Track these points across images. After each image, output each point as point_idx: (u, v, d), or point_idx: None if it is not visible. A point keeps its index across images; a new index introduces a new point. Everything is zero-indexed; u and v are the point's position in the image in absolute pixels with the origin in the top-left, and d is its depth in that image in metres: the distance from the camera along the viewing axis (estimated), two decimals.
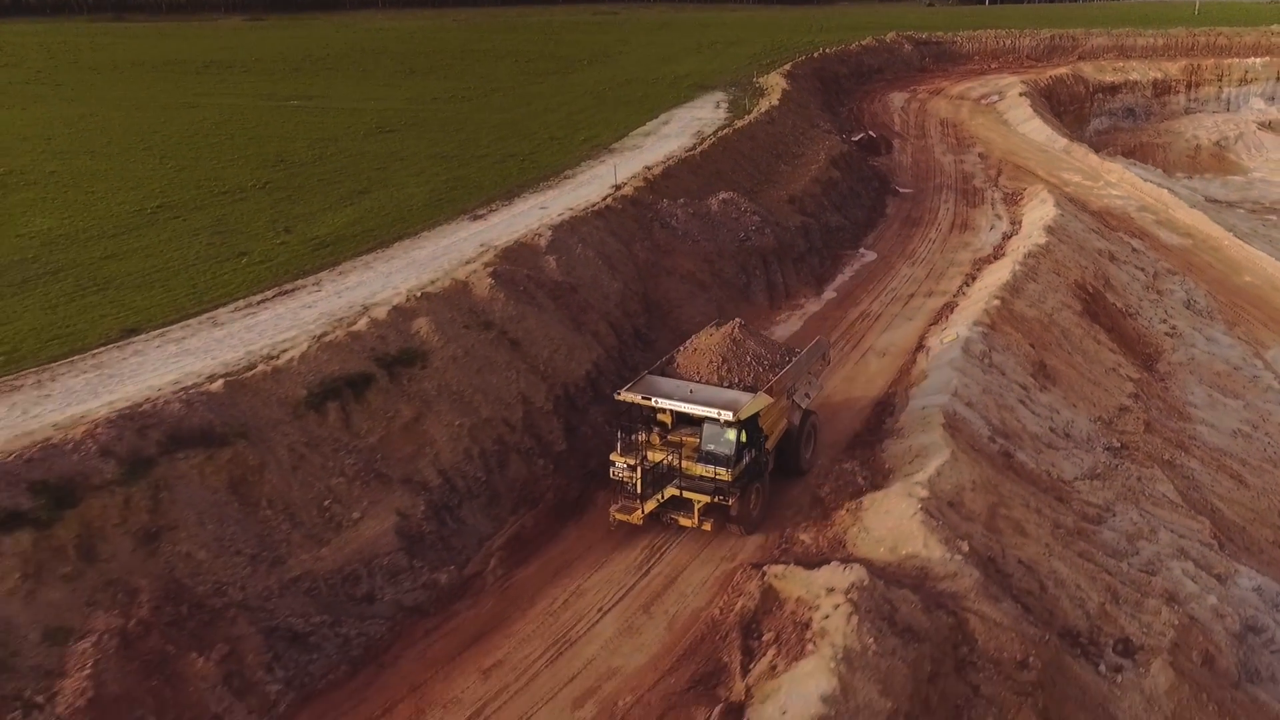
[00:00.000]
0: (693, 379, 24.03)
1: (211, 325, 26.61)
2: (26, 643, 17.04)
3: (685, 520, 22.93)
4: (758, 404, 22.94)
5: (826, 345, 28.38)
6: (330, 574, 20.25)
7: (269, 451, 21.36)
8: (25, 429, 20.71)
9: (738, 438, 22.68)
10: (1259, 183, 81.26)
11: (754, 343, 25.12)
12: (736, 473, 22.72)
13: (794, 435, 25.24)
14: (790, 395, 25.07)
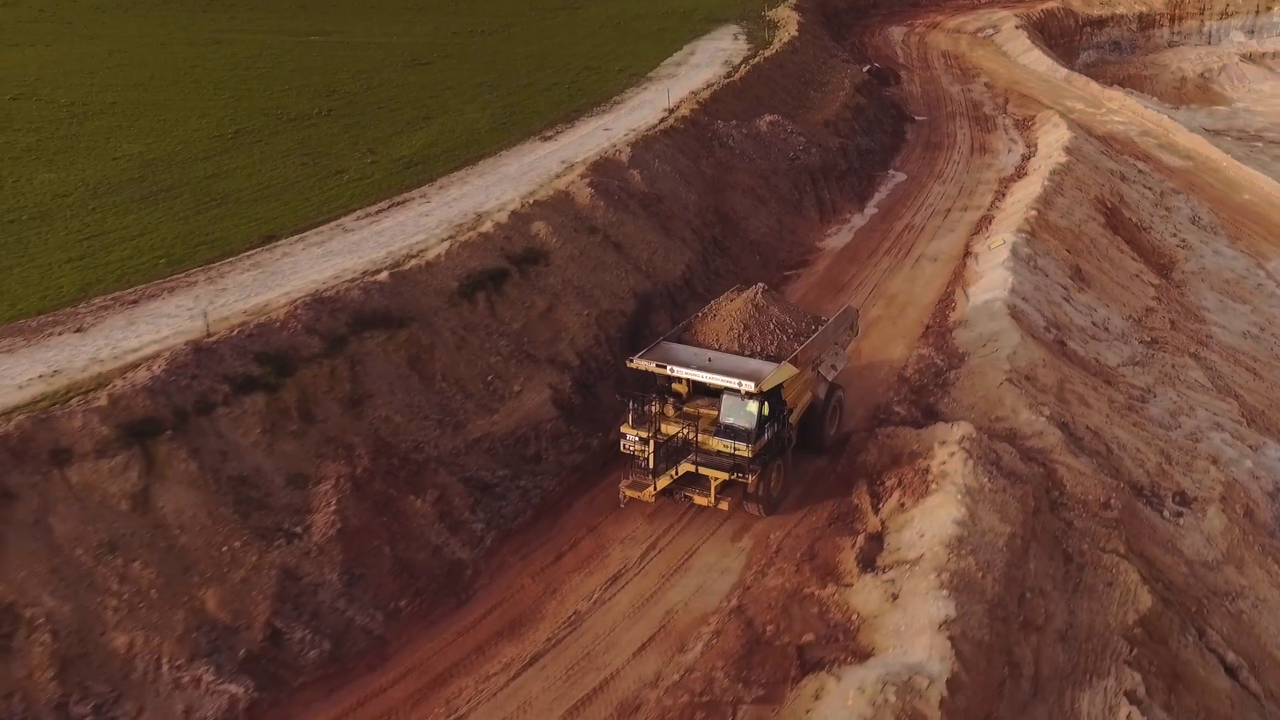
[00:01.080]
0: (711, 347, 22.71)
1: (342, 231, 29.20)
2: (275, 486, 19.94)
3: (701, 499, 21.79)
4: (781, 374, 21.65)
5: (855, 315, 26.57)
6: (504, 436, 23.25)
7: (435, 334, 24.22)
8: (219, 315, 23.38)
9: (759, 410, 21.28)
10: (1243, 112, 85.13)
11: (778, 309, 23.85)
12: (757, 448, 21.30)
13: (818, 410, 23.96)
14: (815, 367, 23.70)
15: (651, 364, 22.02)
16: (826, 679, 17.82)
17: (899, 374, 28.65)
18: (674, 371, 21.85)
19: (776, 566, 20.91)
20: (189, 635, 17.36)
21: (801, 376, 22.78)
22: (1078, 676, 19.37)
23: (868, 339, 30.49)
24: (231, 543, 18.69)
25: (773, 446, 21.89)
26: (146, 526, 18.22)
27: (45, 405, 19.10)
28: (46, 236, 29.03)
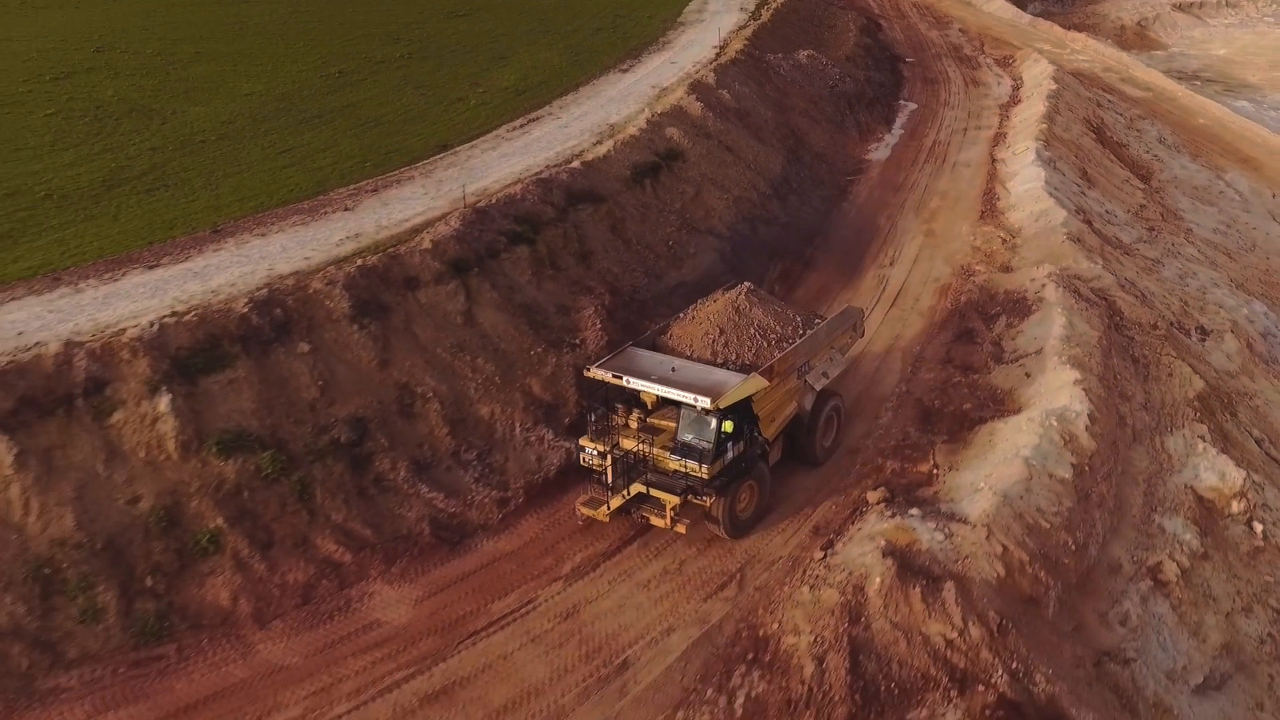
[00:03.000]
0: (683, 353, 21.55)
1: (502, 140, 35.30)
2: (550, 313, 26.36)
3: (657, 520, 20.58)
4: (746, 389, 20.36)
5: (858, 315, 25.49)
6: (690, 284, 29.81)
7: (624, 209, 30.73)
8: (453, 196, 29.53)
9: (718, 428, 20.01)
10: (1178, 55, 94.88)
11: (762, 312, 22.46)
12: (715, 469, 20.11)
13: (804, 422, 22.71)
14: (803, 375, 22.39)
15: (608, 374, 20.73)
16: (994, 425, 24.98)
17: (970, 246, 35.91)
18: (629, 383, 20.49)
19: (926, 366, 28.01)
20: (529, 409, 23.75)
21: (781, 387, 21.52)
22: (1161, 429, 26.88)
23: (937, 221, 37.72)
24: (536, 349, 25.08)
25: (738, 466, 20.61)
26: (477, 335, 24.52)
27: (360, 257, 25.10)
28: (247, 151, 34.52)
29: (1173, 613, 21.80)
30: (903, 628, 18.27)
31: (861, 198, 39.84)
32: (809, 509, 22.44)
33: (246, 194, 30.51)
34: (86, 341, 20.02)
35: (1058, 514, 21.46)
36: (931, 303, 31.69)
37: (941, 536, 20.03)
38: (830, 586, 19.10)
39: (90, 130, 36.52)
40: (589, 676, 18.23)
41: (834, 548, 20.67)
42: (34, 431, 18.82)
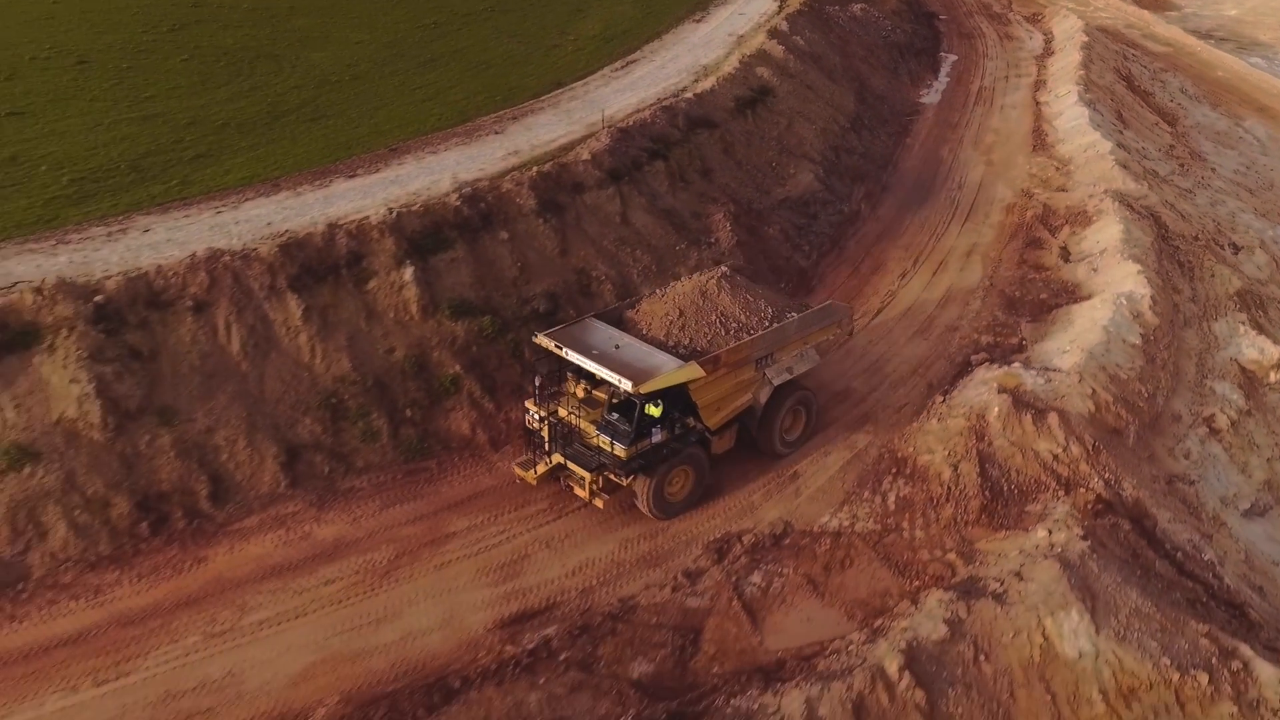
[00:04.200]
0: (641, 331, 21.88)
1: (610, 79, 39.94)
2: (686, 218, 31.17)
3: (580, 490, 21.19)
4: (676, 377, 20.45)
5: (844, 313, 25.32)
6: (793, 200, 34.73)
7: (732, 134, 35.48)
8: (587, 121, 34.23)
9: (639, 411, 20.49)
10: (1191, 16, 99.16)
11: (729, 300, 22.55)
12: (633, 451, 20.47)
13: (757, 414, 22.74)
14: (762, 368, 22.51)
15: (551, 343, 21.22)
16: (1069, 308, 29.93)
17: (1027, 173, 40.81)
18: (567, 355, 20.94)
19: (1004, 266, 32.96)
20: None
21: (731, 378, 21.74)
22: (1207, 316, 31.87)
23: (994, 153, 42.55)
24: (679, 245, 29.94)
25: (661, 451, 21.00)
26: (632, 232, 29.36)
27: (535, 165, 29.83)
28: (382, 88, 39.09)
29: (1225, 453, 26.83)
30: (1018, 445, 23.23)
31: (922, 135, 44.65)
32: (921, 370, 27.39)
33: (400, 122, 35.15)
34: (344, 223, 24.72)
35: (1132, 369, 26.45)
36: (1000, 219, 36.56)
37: (1042, 381, 25.01)
38: (956, 417, 24.08)
39: (231, 72, 41.01)
40: (769, 484, 23.22)
41: (950, 395, 25.64)
42: (314, 293, 23.61)
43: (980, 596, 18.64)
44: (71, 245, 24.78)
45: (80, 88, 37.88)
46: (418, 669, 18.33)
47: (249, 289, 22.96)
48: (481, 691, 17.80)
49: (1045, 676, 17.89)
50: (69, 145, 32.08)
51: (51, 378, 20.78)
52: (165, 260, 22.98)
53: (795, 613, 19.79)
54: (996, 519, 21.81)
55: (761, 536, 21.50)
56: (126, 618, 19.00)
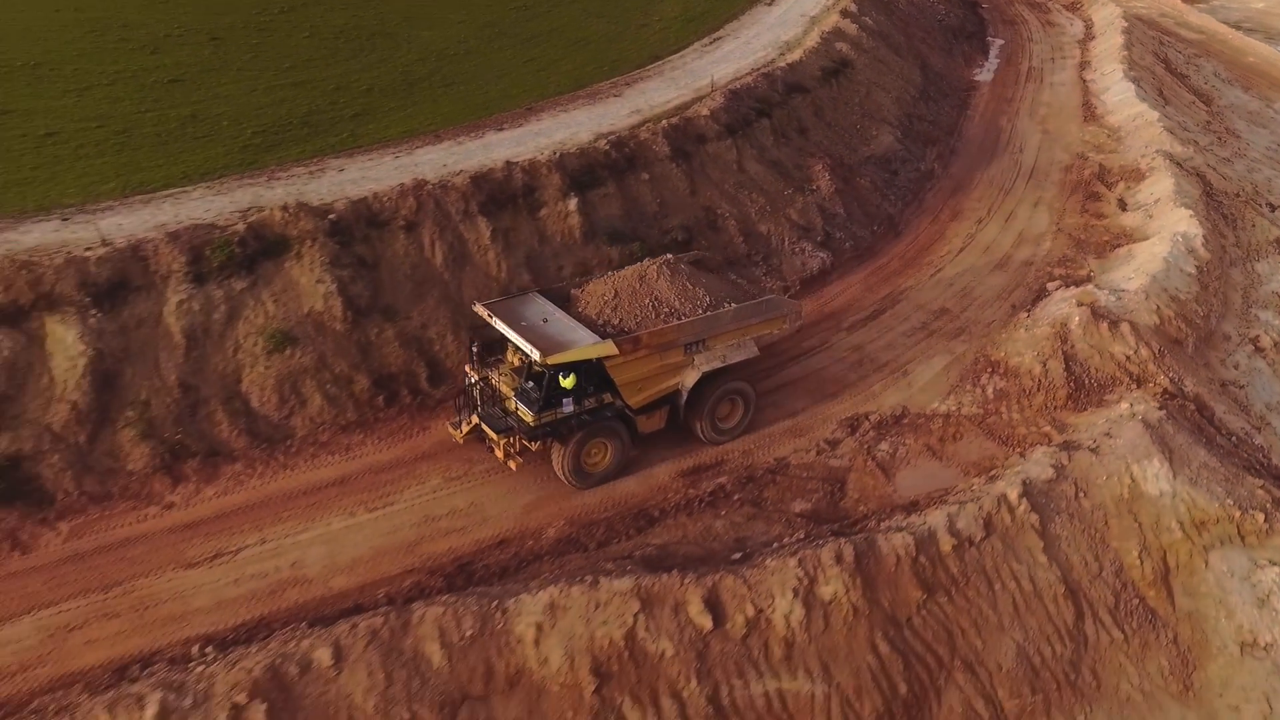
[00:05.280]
0: (577, 309, 23.41)
1: (702, 53, 44.59)
2: (790, 168, 35.85)
3: (498, 451, 22.52)
4: (586, 352, 21.81)
5: (788, 308, 25.91)
6: (876, 158, 39.39)
7: (820, 100, 40.18)
8: (695, 86, 38.92)
9: (548, 382, 21.74)
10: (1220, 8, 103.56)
11: (667, 286, 23.70)
12: (541, 419, 21.85)
13: (683, 397, 23.79)
14: (691, 353, 23.59)
15: (485, 312, 22.98)
16: (1129, 247, 34.53)
17: (1080, 140, 45.45)
18: (493, 323, 22.61)
19: (1067, 215, 37.60)
20: (791, 229, 33.33)
21: (653, 360, 22.87)
22: (1250, 258, 36.41)
23: (1049, 123, 47.17)
24: (786, 191, 34.64)
25: (570, 422, 22.24)
26: (748, 178, 34.05)
27: (663, 119, 34.53)
28: (497, 61, 43.82)
29: (1268, 368, 31.39)
30: (1096, 348, 27.84)
31: (981, 107, 49.31)
32: (1004, 295, 32.05)
33: (524, 88, 39.88)
34: (518, 161, 29.48)
35: (1189, 293, 31.06)
36: (1060, 177, 41.18)
37: (1114, 299, 29.63)
38: (1042, 326, 28.72)
39: (354, 47, 45.81)
40: (885, 378, 27.90)
41: (1033, 312, 30.29)
42: (498, 218, 28.33)
43: (1078, 450, 23.27)
44: (282, 181, 29.54)
45: (223, 60, 42.64)
46: (622, 504, 23.03)
47: (448, 213, 27.68)
48: (676, 519, 22.50)
49: (1133, 510, 22.49)
50: (237, 106, 36.81)
51: (301, 279, 25.54)
52: (375, 190, 27.69)
53: (919, 471, 24.43)
54: (1080, 404, 26.42)
55: (884, 416, 26.17)
56: (377, 467, 23.72)
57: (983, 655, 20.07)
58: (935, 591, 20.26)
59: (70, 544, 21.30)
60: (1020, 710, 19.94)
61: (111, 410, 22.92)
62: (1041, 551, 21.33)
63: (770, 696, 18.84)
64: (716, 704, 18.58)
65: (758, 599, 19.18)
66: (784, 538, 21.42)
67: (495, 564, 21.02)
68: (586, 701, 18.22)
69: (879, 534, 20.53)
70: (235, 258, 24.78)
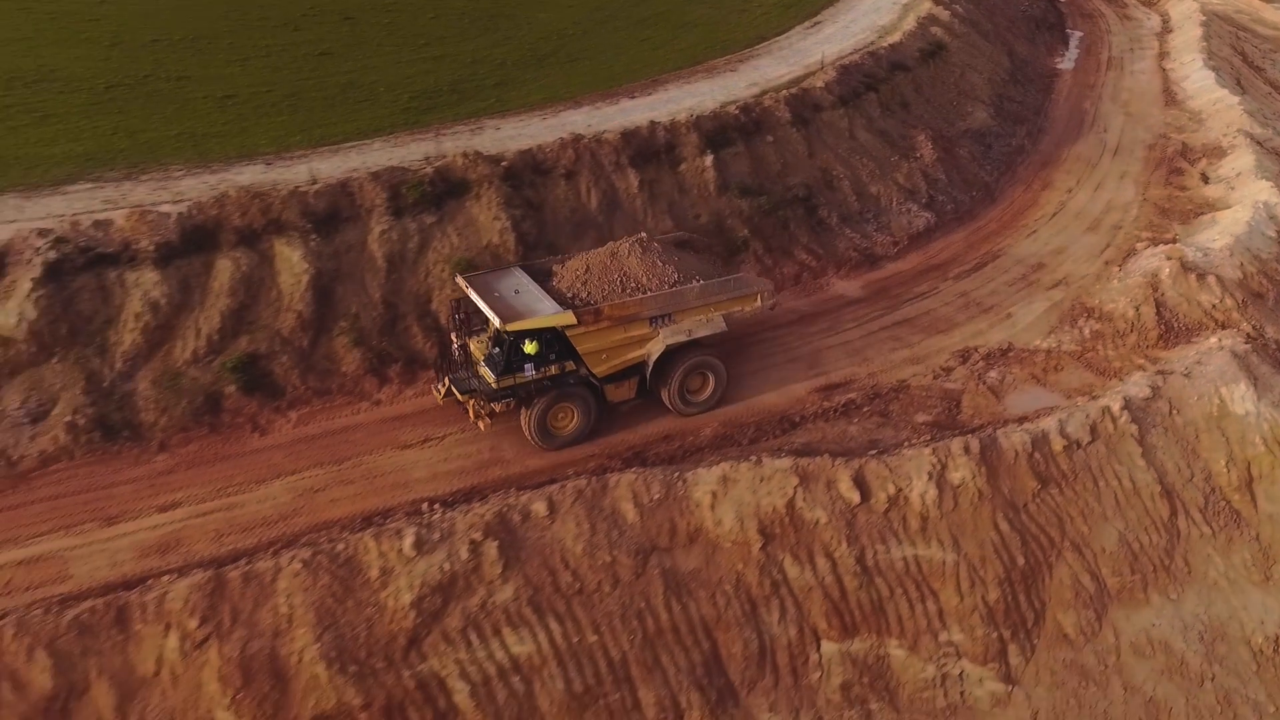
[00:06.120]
0: (552, 284, 24.70)
1: (805, 35, 48.06)
2: (895, 137, 39.23)
3: (470, 411, 24.06)
4: (545, 321, 23.13)
5: (759, 286, 26.67)
6: (972, 132, 42.66)
7: (920, 78, 43.53)
8: (805, 63, 42.44)
9: (509, 347, 23.11)
10: None
11: (636, 263, 24.99)
12: (503, 382, 23.21)
13: (648, 368, 24.88)
14: (657, 327, 24.70)
15: (464, 283, 24.51)
16: (1213, 214, 37.53)
17: (1162, 122, 48.39)
18: (469, 293, 24.14)
19: (1151, 187, 40.65)
20: (899, 191, 36.76)
21: (616, 331, 24.05)
22: None
23: (1131, 107, 50.13)
24: (893, 157, 38.08)
25: (531, 387, 23.63)
26: (859, 145, 37.53)
27: (784, 89, 38.10)
28: (614, 40, 47.45)
29: None
30: (1185, 297, 30.98)
31: (1065, 92, 52.37)
32: (1096, 253, 35.26)
33: (644, 64, 43.61)
34: (661, 121, 33.23)
35: (1269, 253, 34.05)
36: (1144, 154, 44.19)
37: (1200, 254, 32.75)
38: (1134, 276, 31.94)
39: (479, 27, 49.81)
40: (990, 319, 31.25)
41: (1124, 266, 33.50)
42: (644, 170, 32.03)
43: (1171, 374, 26.56)
44: (448, 136, 33.49)
45: (360, 36, 46.81)
46: (765, 413, 26.63)
47: (601, 164, 31.49)
48: (815, 424, 26.08)
49: (1221, 426, 25.72)
50: (387, 75, 40.88)
51: (480, 216, 29.44)
52: (538, 143, 31.56)
53: (1025, 395, 27.79)
54: (1170, 345, 29.64)
55: (992, 350, 29.57)
56: None
57: (1088, 539, 23.41)
58: (1048, 483, 23.64)
59: (299, 429, 25.30)
60: (1121, 586, 23.25)
61: (328, 320, 26.92)
62: (1140, 457, 24.60)
63: (908, 560, 22.34)
64: (863, 564, 22.12)
65: (897, 480, 22.71)
66: (912, 441, 24.89)
67: (663, 453, 24.69)
68: (754, 556, 21.85)
69: (1000, 432, 23.93)
70: (426, 196, 28.69)
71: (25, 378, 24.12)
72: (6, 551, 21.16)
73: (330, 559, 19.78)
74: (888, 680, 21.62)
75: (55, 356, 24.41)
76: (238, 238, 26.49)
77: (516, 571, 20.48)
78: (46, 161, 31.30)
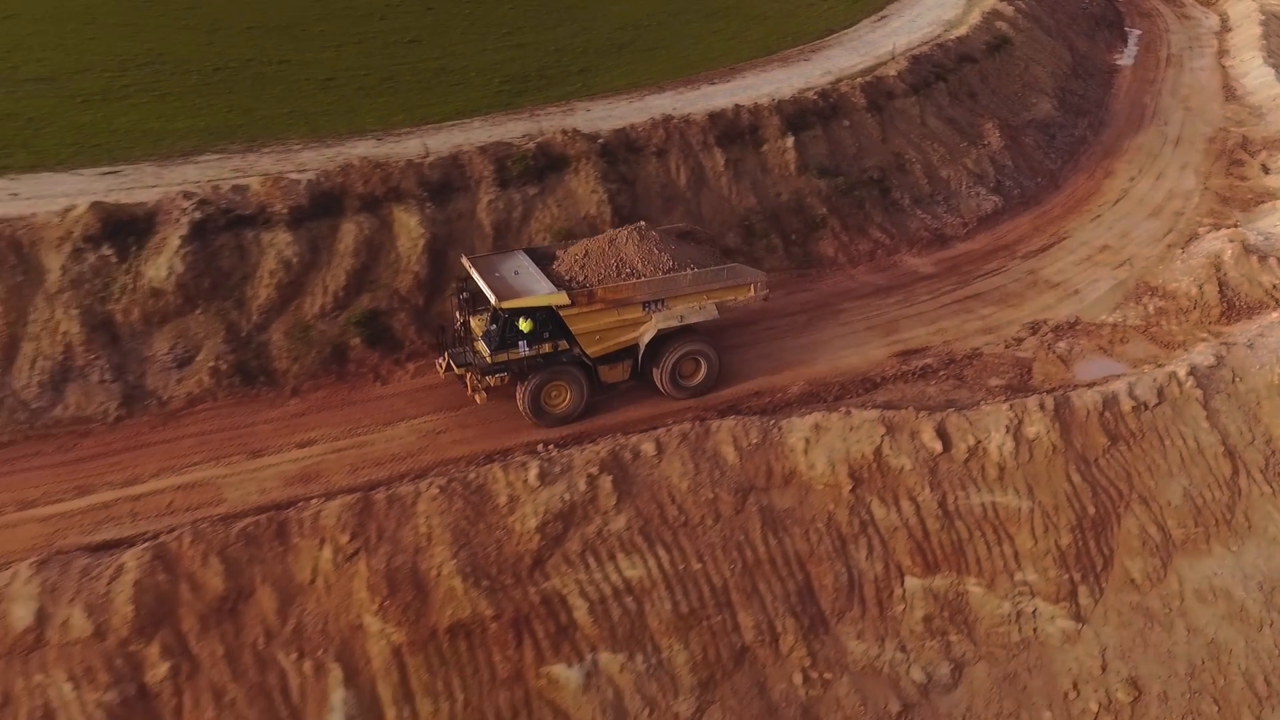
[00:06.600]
0: (553, 267, 25.66)
1: (874, 28, 49.82)
2: (964, 125, 41.01)
3: (468, 384, 25.18)
4: (537, 300, 24.18)
5: (751, 277, 27.18)
6: (1036, 122, 44.31)
7: (986, 70, 45.24)
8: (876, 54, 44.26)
9: (504, 324, 24.12)
10: None
11: (633, 250, 25.77)
12: (497, 358, 24.21)
13: (640, 350, 25.70)
14: (651, 311, 25.46)
15: (468, 263, 25.75)
16: (1274, 202, 39.02)
17: (1222, 116, 49.77)
18: (471, 273, 25.31)
19: (1212, 177, 42.15)
20: (968, 176, 38.53)
21: (610, 314, 24.98)
22: None
23: (1191, 102, 51.54)
24: (962, 144, 39.86)
25: (525, 364, 24.63)
26: (929, 131, 39.34)
27: (859, 77, 39.98)
28: (687, 31, 49.44)
29: None
30: (1246, 277, 32.58)
31: (1125, 86, 53.84)
32: (1159, 236, 36.89)
33: (720, 53, 45.63)
34: (744, 104, 35.26)
35: None
36: (1204, 146, 45.65)
37: (1261, 238, 34.30)
38: (1197, 257, 33.57)
39: (557, 18, 51.99)
40: (1058, 295, 33.01)
41: (1187, 249, 35.13)
42: (729, 150, 34.05)
43: (1235, 345, 28.24)
44: (541, 117, 35.69)
45: (444, 26, 49.15)
46: (847, 374, 28.56)
47: (689, 143, 33.57)
48: (894, 385, 28.00)
49: None
50: (475, 61, 43.19)
51: (578, 189, 31.61)
52: (631, 122, 33.69)
53: (1093, 363, 29.55)
54: (1232, 321, 31.28)
55: (1060, 323, 31.34)
56: None
57: (1155, 493, 25.18)
58: (1117, 440, 25.44)
59: (417, 380, 27.55)
60: (1185, 537, 25.01)
61: (441, 281, 29.18)
62: (1204, 420, 26.33)
63: (986, 506, 24.24)
64: (944, 508, 24.04)
65: (977, 432, 24.62)
66: (988, 401, 26.76)
67: (754, 407, 26.72)
68: (844, 498, 23.85)
69: (1072, 392, 25.77)
70: (529, 169, 30.91)
71: (173, 326, 26.50)
72: (165, 478, 23.51)
73: (464, 486, 21.97)
74: (966, 615, 23.47)
75: (199, 308, 26.79)
76: (361, 204, 28.78)
77: (628, 503, 22.56)
78: (172, 135, 33.83)
